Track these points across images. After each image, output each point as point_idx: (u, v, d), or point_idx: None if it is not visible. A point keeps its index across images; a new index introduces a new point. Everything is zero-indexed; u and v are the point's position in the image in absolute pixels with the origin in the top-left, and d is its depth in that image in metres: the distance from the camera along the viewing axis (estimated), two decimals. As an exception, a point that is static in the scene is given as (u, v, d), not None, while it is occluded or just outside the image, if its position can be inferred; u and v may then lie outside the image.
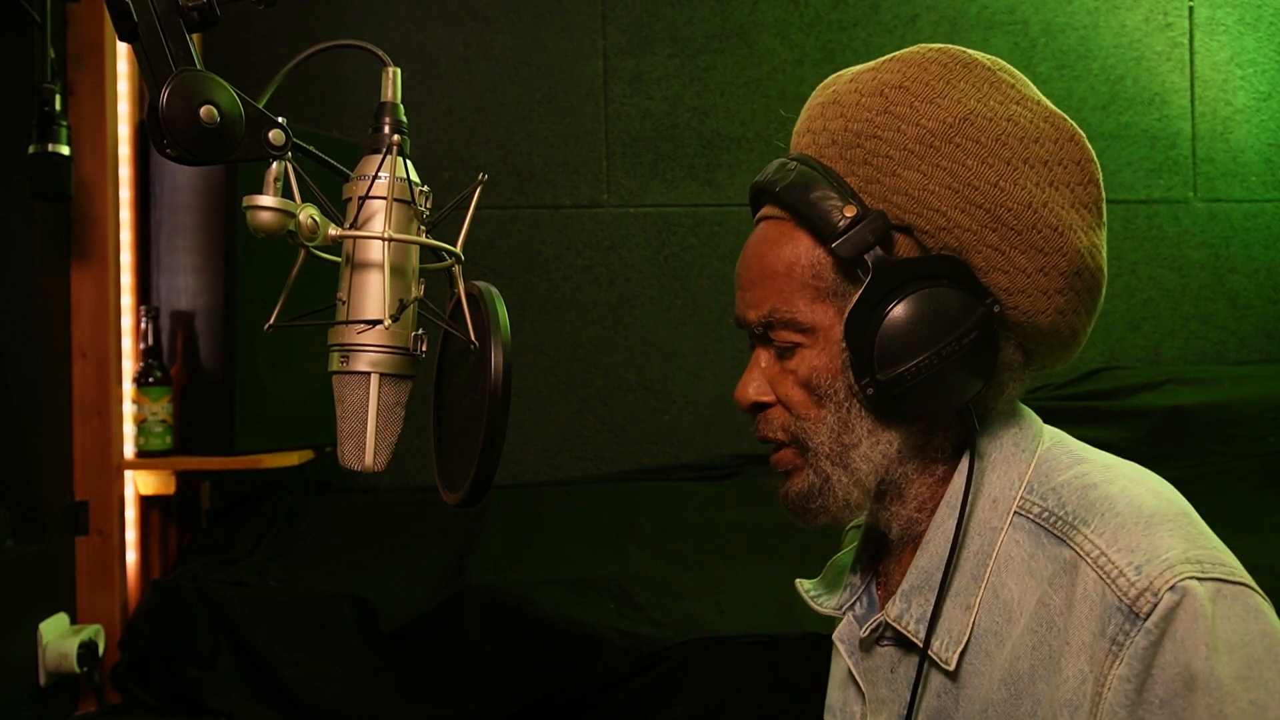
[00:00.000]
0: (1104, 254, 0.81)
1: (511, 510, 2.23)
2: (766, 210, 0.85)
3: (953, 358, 0.75)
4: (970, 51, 0.81)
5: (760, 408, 0.86)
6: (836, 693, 0.96)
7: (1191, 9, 2.65)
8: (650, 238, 2.55)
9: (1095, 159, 0.80)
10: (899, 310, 0.75)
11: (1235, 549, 0.74)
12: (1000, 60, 0.82)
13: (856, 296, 0.77)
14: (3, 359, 1.81)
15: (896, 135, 0.77)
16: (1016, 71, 0.82)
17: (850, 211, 0.77)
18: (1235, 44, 2.66)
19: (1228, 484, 2.06)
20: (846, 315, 0.77)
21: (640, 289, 2.54)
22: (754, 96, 2.56)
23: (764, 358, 0.85)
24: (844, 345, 0.78)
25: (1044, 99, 0.81)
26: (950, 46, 0.81)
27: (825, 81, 0.86)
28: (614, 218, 2.54)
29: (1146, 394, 2.36)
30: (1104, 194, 0.81)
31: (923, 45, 0.82)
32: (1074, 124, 0.80)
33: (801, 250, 0.80)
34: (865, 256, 0.76)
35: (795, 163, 0.81)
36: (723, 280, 2.55)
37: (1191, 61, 2.64)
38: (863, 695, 0.89)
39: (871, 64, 0.83)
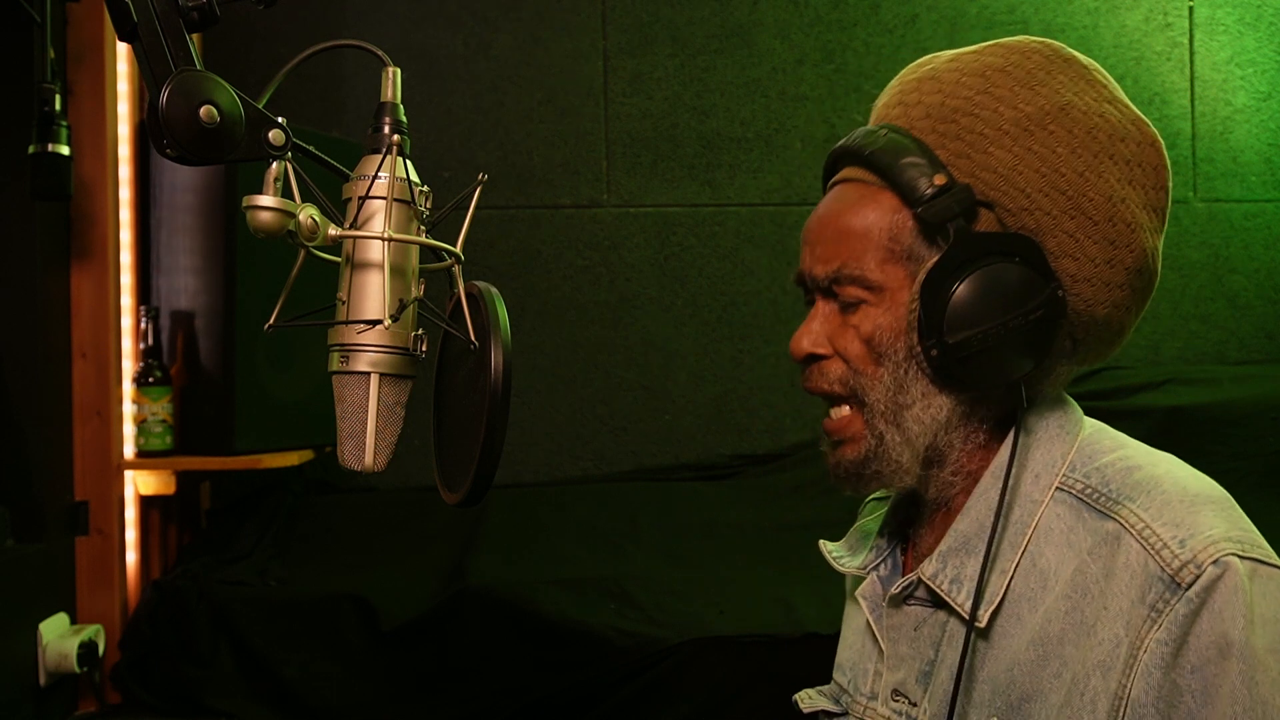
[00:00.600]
0: (1160, 259, 0.84)
1: (511, 510, 2.23)
2: (849, 172, 0.87)
3: (1015, 332, 0.78)
4: (1070, 49, 0.85)
5: (813, 359, 0.87)
6: (848, 652, 0.99)
7: (1191, 9, 2.65)
8: (650, 238, 2.55)
9: (1169, 167, 0.83)
10: (974, 280, 0.78)
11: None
12: (1095, 62, 0.85)
13: (934, 261, 0.79)
14: (3, 359, 1.81)
15: (993, 115, 0.80)
16: (1108, 75, 0.85)
17: (940, 180, 0.79)
18: (1235, 44, 2.66)
19: (1228, 484, 2.04)
20: (923, 278, 0.80)
21: (640, 289, 2.54)
22: (754, 96, 2.56)
23: (824, 310, 0.87)
24: (914, 306, 0.80)
25: (1131, 104, 0.84)
26: (1052, 41, 0.85)
27: (919, 60, 0.89)
28: (614, 218, 2.55)
29: (1146, 394, 2.36)
30: (1171, 201, 0.84)
31: (1026, 36, 0.86)
32: (1156, 131, 0.83)
33: (884, 211, 0.83)
34: (948, 225, 0.79)
35: (886, 129, 0.84)
36: (723, 280, 2.55)
37: (1191, 61, 2.64)
38: (880, 652, 0.91)
39: (973, 47, 0.86)
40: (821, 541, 1.00)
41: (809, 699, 1.02)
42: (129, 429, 1.99)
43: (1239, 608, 0.70)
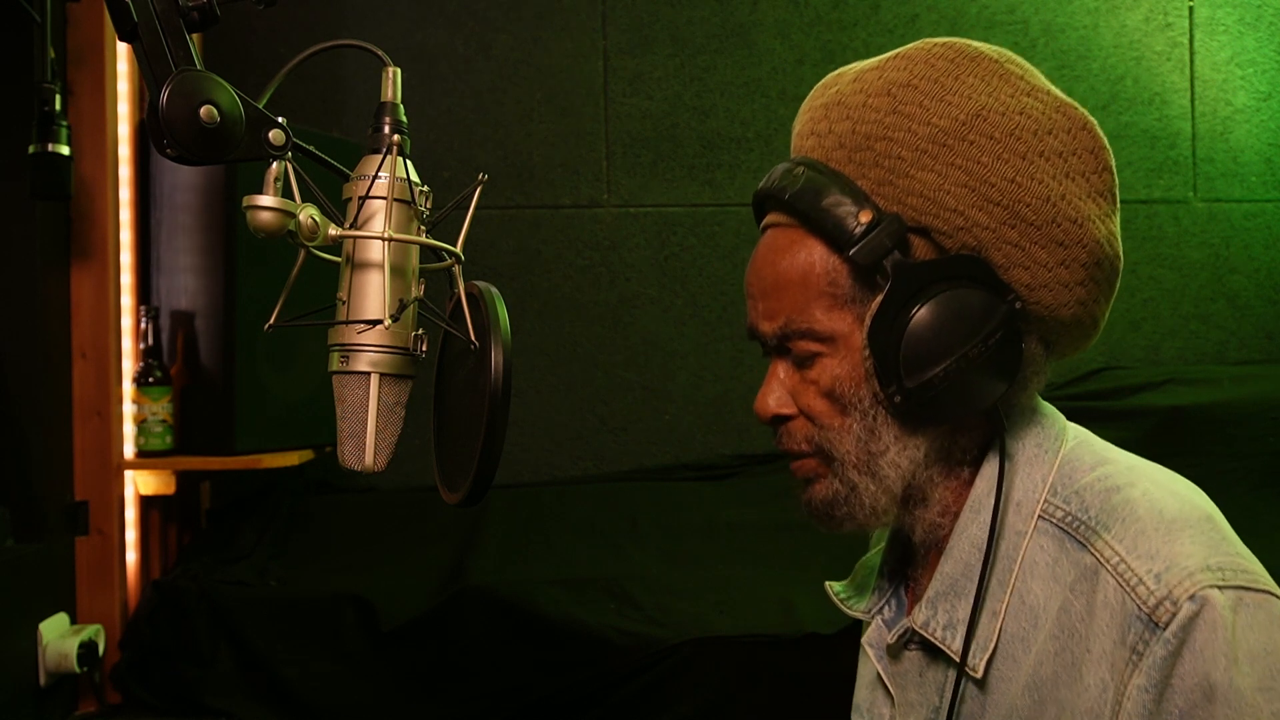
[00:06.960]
0: (1119, 240, 0.80)
1: (511, 510, 2.23)
2: (774, 217, 0.83)
3: (979, 360, 0.73)
4: (975, 43, 0.79)
5: (781, 420, 0.83)
6: (865, 693, 0.94)
7: (1191, 9, 2.65)
8: (650, 238, 2.55)
9: (1108, 145, 0.79)
10: (922, 315, 0.73)
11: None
12: (1005, 50, 0.80)
13: (877, 303, 0.74)
14: (3, 359, 1.81)
15: (908, 136, 0.75)
16: (1023, 60, 0.80)
17: (866, 217, 0.74)
18: (1235, 44, 2.66)
19: (1228, 484, 2.05)
20: (869, 323, 0.75)
21: (640, 289, 2.54)
22: (754, 96, 2.56)
23: (782, 369, 0.82)
24: (867, 353, 0.75)
25: (1053, 88, 0.79)
26: (955, 40, 0.79)
27: (824, 81, 0.84)
28: (614, 218, 2.54)
29: (1146, 394, 2.36)
30: (1117, 179, 0.80)
31: (926, 40, 0.80)
32: (1085, 111, 0.78)
33: (816, 258, 0.78)
34: (884, 262, 0.74)
35: (802, 167, 0.78)
36: (723, 280, 2.55)
37: (1191, 61, 2.64)
38: (891, 698, 0.88)
39: (874, 61, 0.80)
40: (828, 584, 0.95)
41: None
42: (129, 429, 1.99)
43: (1220, 645, 0.65)
